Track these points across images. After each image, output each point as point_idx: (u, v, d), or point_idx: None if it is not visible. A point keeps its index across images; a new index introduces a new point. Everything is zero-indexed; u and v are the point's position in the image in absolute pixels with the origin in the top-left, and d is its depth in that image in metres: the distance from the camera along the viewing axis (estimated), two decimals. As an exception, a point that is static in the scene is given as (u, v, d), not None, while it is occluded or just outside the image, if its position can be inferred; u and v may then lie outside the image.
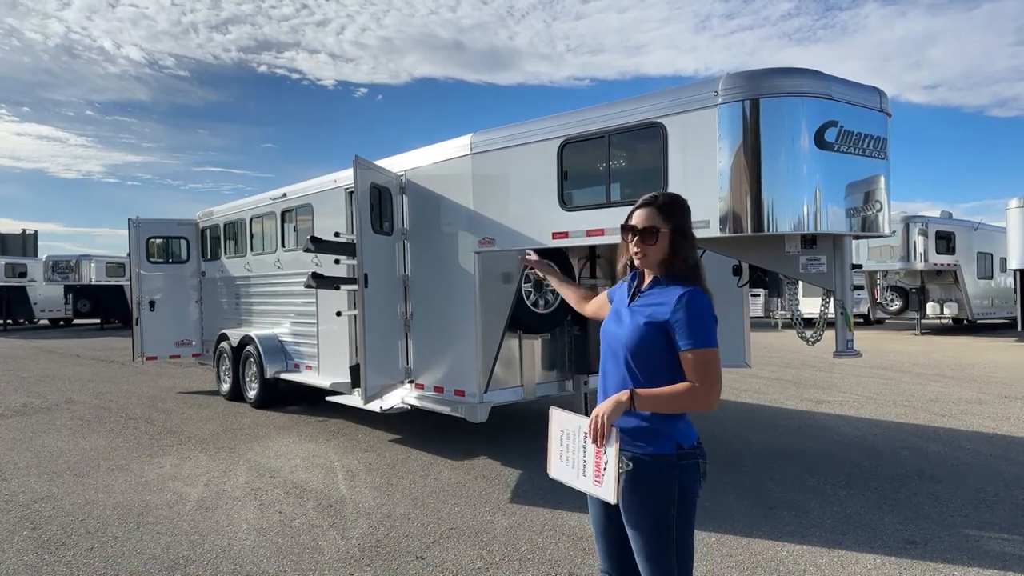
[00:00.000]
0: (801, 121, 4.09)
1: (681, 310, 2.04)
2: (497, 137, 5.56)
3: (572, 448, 2.12)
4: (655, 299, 2.13)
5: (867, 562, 3.73)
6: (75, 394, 9.89)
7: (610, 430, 1.99)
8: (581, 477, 2.09)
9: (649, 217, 2.16)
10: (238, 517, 4.56)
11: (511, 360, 6.07)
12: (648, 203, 2.19)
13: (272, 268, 8.58)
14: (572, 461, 2.12)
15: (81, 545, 4.12)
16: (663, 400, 2.03)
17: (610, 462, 2.00)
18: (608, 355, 2.21)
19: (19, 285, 25.64)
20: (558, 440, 2.16)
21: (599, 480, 2.04)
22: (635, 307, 2.17)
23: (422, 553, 3.92)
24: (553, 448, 2.18)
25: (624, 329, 2.15)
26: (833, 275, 4.34)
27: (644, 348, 2.08)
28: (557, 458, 2.17)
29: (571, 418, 2.15)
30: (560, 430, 2.16)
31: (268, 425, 7.49)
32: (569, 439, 2.13)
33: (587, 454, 2.07)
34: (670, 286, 2.12)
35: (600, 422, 2.00)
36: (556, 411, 2.20)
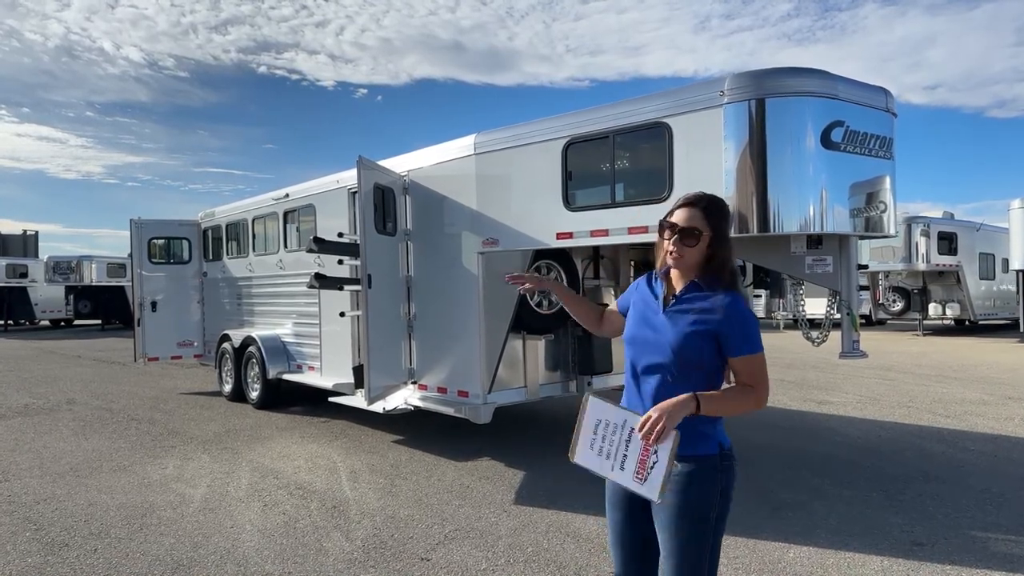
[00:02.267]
0: (807, 121, 4.08)
1: (733, 319, 2.04)
2: (501, 137, 5.54)
3: (611, 440, 2.06)
4: (698, 305, 2.08)
5: (874, 564, 3.71)
6: (77, 395, 9.88)
7: (669, 432, 1.95)
8: (616, 470, 2.04)
9: (691, 218, 2.10)
10: (242, 518, 4.55)
11: (515, 361, 6.05)
12: (691, 203, 2.12)
13: (274, 269, 8.57)
14: (608, 452, 2.06)
15: (84, 546, 4.10)
16: (726, 404, 2.04)
17: (660, 462, 1.97)
18: (641, 361, 2.14)
19: (20, 286, 25.62)
20: (592, 428, 2.10)
21: (641, 477, 2.00)
22: (675, 313, 2.11)
23: (427, 555, 3.91)
24: (584, 435, 2.11)
25: (665, 335, 2.09)
26: (839, 275, 4.33)
27: (691, 354, 2.05)
28: (587, 446, 2.11)
29: (615, 410, 2.08)
30: (597, 419, 2.09)
31: (271, 426, 7.48)
32: (608, 430, 2.07)
33: (630, 449, 2.02)
34: (711, 292, 2.08)
35: (660, 424, 1.94)
36: (595, 400, 2.12)
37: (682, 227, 2.09)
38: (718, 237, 2.10)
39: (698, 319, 2.06)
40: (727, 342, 2.05)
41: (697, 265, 2.11)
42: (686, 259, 2.11)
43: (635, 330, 2.19)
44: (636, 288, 2.30)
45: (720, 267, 2.10)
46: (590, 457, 2.11)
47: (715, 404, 2.02)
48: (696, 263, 2.11)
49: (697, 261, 2.11)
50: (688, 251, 2.09)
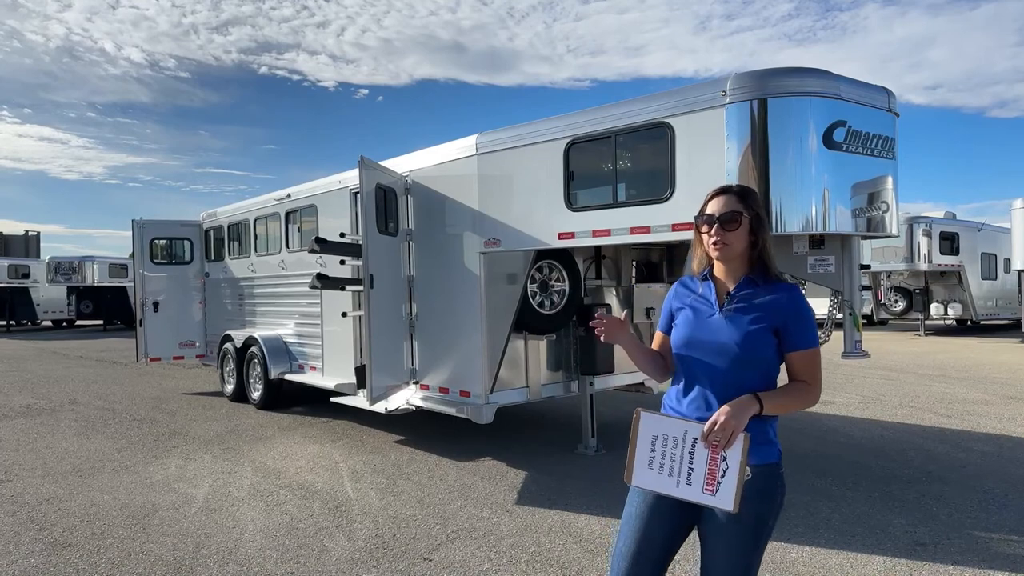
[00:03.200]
0: (809, 121, 4.07)
1: (796, 314, 2.01)
2: (503, 137, 5.54)
3: (672, 454, 1.94)
4: (757, 301, 2.03)
5: (876, 564, 3.71)
6: (79, 395, 9.89)
7: (738, 436, 1.88)
8: (683, 486, 1.92)
9: (729, 203, 2.05)
10: (244, 518, 4.55)
11: (516, 361, 6.05)
12: (724, 190, 2.10)
13: (276, 269, 8.57)
14: (670, 468, 1.94)
15: (87, 546, 4.11)
16: (787, 402, 2.00)
17: (731, 469, 1.87)
18: (697, 364, 2.07)
19: (22, 287, 25.66)
20: (649, 445, 1.98)
21: (711, 489, 1.89)
22: (734, 312, 2.05)
23: (429, 555, 3.91)
24: (640, 454, 1.98)
25: (723, 335, 2.02)
26: (841, 276, 4.32)
27: (752, 352, 2.00)
28: (645, 465, 1.98)
29: (671, 421, 1.97)
30: (653, 435, 1.97)
31: (273, 426, 7.48)
32: (668, 444, 1.95)
33: (695, 461, 1.91)
34: (769, 286, 2.04)
35: (729, 427, 1.87)
36: (647, 414, 2.00)
37: (721, 213, 2.05)
38: (758, 219, 2.06)
39: (759, 315, 2.01)
40: (788, 337, 2.01)
41: (743, 253, 2.07)
42: (732, 246, 2.05)
43: (689, 333, 2.10)
44: (675, 296, 2.21)
45: (766, 254, 2.06)
46: (650, 476, 1.98)
47: (777, 403, 1.97)
48: (741, 250, 2.06)
49: (743, 248, 2.06)
50: (732, 236, 2.04)
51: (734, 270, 2.09)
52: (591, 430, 6.13)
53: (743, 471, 1.87)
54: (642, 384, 6.95)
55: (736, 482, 1.86)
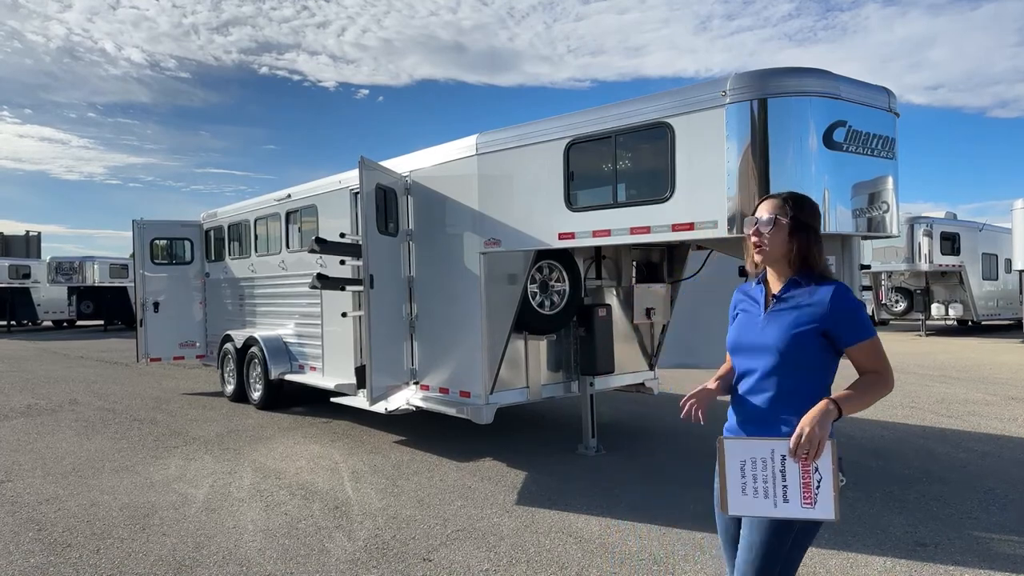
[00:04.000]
0: (809, 121, 4.07)
1: (840, 309, 2.02)
2: (503, 138, 5.54)
3: (763, 476, 1.94)
4: (800, 301, 2.07)
5: (877, 564, 3.70)
6: (79, 395, 9.89)
7: (824, 442, 1.88)
8: (781, 505, 1.93)
9: (772, 208, 2.13)
10: (244, 519, 4.55)
11: (517, 361, 6.05)
12: (772, 195, 2.18)
13: (276, 269, 8.58)
14: (765, 491, 1.94)
15: (87, 547, 4.11)
16: (863, 398, 2.00)
17: (825, 478, 1.89)
18: (747, 366, 2.13)
19: (23, 287, 25.67)
20: (739, 472, 1.97)
21: (810, 501, 1.90)
22: (778, 312, 2.09)
23: (429, 555, 3.91)
24: (732, 482, 1.98)
25: (768, 337, 2.07)
26: (841, 276, 4.31)
27: (799, 352, 2.03)
28: (739, 492, 1.98)
29: (755, 443, 1.98)
30: (741, 460, 1.98)
31: (273, 426, 7.48)
32: (757, 467, 1.95)
33: (788, 477, 1.92)
34: (812, 285, 2.07)
35: (815, 437, 1.87)
36: (730, 441, 2.02)
37: (760, 217, 2.13)
38: (799, 225, 2.09)
39: (801, 315, 2.04)
40: (840, 334, 2.02)
41: (783, 256, 2.11)
42: (771, 249, 2.11)
43: (737, 336, 2.18)
44: (734, 300, 2.29)
45: (808, 256, 2.08)
46: (746, 503, 1.98)
47: (854, 402, 1.98)
48: (782, 253, 2.10)
49: (783, 252, 2.10)
50: (771, 240, 2.10)
51: (781, 272, 2.14)
52: (591, 430, 6.12)
53: (837, 477, 1.89)
54: (642, 385, 6.95)
55: (832, 490, 1.88)
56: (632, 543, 4.04)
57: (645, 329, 6.88)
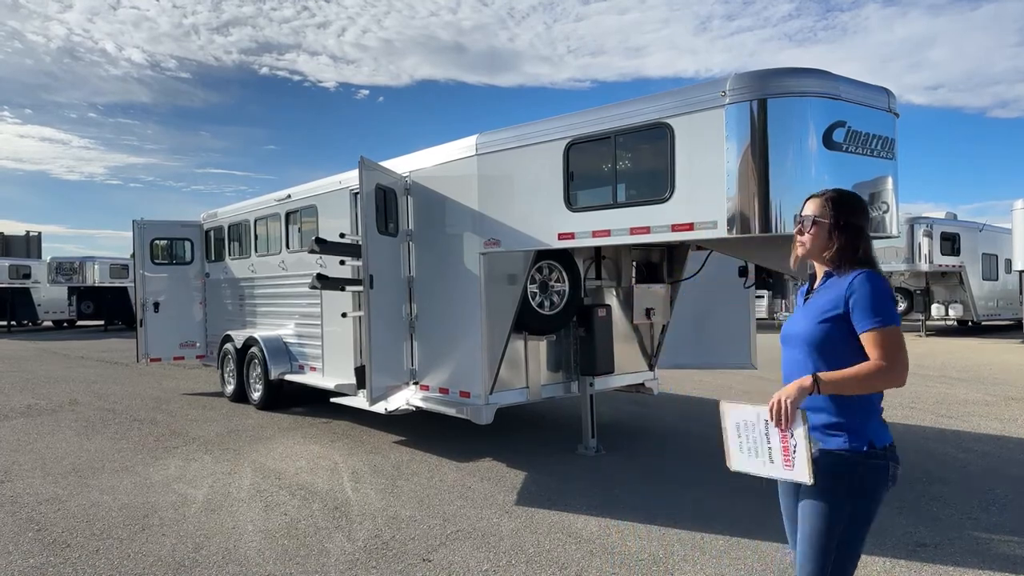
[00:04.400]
0: (809, 121, 4.07)
1: (856, 291, 2.07)
2: (503, 138, 5.54)
3: (753, 438, 2.13)
4: (829, 291, 2.15)
5: (877, 565, 3.70)
6: (79, 395, 9.89)
7: (795, 414, 2.01)
8: (768, 464, 2.11)
9: (813, 207, 2.21)
10: (243, 519, 4.55)
11: (516, 361, 6.05)
12: (816, 195, 2.25)
13: (276, 269, 8.58)
14: (756, 451, 2.13)
15: (86, 547, 4.11)
16: (849, 381, 2.03)
17: (799, 444, 2.02)
18: (791, 357, 2.22)
19: (23, 287, 25.68)
20: (735, 432, 2.18)
21: (789, 464, 2.06)
22: (810, 303, 2.21)
23: (428, 555, 3.91)
24: (731, 441, 2.19)
25: (802, 327, 2.17)
26: (841, 276, 4.31)
27: (826, 340, 2.10)
28: (737, 450, 2.18)
29: (747, 408, 2.15)
30: (736, 422, 2.17)
31: (273, 427, 7.48)
32: (748, 429, 2.14)
33: (771, 441, 2.08)
34: (843, 277, 2.13)
35: (784, 406, 2.01)
36: (727, 404, 2.20)
37: (803, 215, 2.22)
38: (838, 224, 2.15)
39: (827, 303, 2.12)
40: (854, 319, 2.06)
41: (822, 252, 2.18)
42: (809, 246, 2.21)
43: (784, 328, 2.29)
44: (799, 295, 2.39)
45: (847, 252, 2.14)
46: (744, 460, 2.17)
47: (835, 384, 2.02)
48: (819, 250, 2.19)
49: (820, 248, 2.18)
50: (809, 237, 2.20)
51: (823, 267, 2.24)
52: (591, 431, 6.12)
53: (808, 445, 2.01)
54: (642, 385, 6.95)
55: (806, 456, 2.01)
56: (632, 543, 4.04)
57: (645, 329, 6.88)
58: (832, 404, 2.09)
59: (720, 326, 6.72)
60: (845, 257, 2.14)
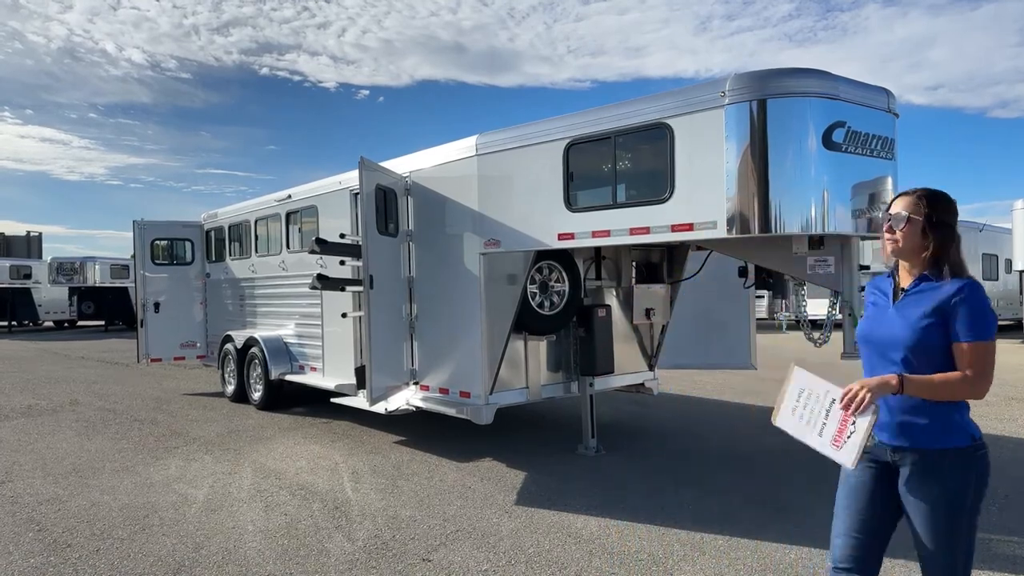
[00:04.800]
0: (809, 122, 4.07)
1: (964, 303, 2.08)
2: (503, 138, 5.55)
3: (811, 408, 2.23)
4: (928, 296, 2.15)
5: (876, 565, 3.70)
6: (80, 396, 9.90)
7: (869, 405, 2.08)
8: (814, 436, 2.21)
9: (904, 204, 2.22)
10: (243, 519, 4.55)
11: (516, 362, 6.05)
12: (906, 192, 2.26)
13: (277, 270, 8.58)
14: (808, 419, 2.23)
15: (87, 547, 4.11)
16: (933, 387, 2.08)
17: (858, 432, 2.11)
18: (875, 358, 2.25)
19: (24, 287, 25.71)
20: (795, 396, 2.28)
21: (838, 445, 2.15)
22: (905, 305, 2.20)
23: (428, 555, 3.91)
24: (787, 401, 2.30)
25: (897, 329, 2.18)
26: (841, 276, 4.32)
27: (924, 345, 2.12)
28: (789, 411, 2.29)
29: (818, 381, 2.24)
30: (800, 388, 2.27)
31: (273, 427, 7.49)
32: (810, 399, 2.24)
33: (830, 418, 2.17)
34: (942, 280, 2.15)
35: (863, 396, 2.06)
36: (799, 370, 2.29)
37: (894, 213, 2.23)
38: (932, 223, 2.17)
39: (927, 310, 2.13)
40: (955, 328, 2.09)
41: (915, 252, 2.20)
42: (902, 245, 2.21)
43: (867, 328, 2.31)
44: (867, 293, 2.41)
45: (942, 253, 2.16)
46: (791, 422, 2.29)
47: (920, 386, 2.08)
48: (912, 249, 2.20)
49: (912, 247, 2.20)
50: (902, 236, 2.20)
51: (913, 267, 2.23)
52: (591, 431, 6.13)
53: (867, 436, 2.10)
54: (642, 385, 6.95)
55: (859, 444, 2.11)
56: (631, 543, 4.04)
57: (645, 329, 6.89)
58: (925, 405, 2.13)
59: (720, 326, 6.73)
60: (942, 258, 2.16)
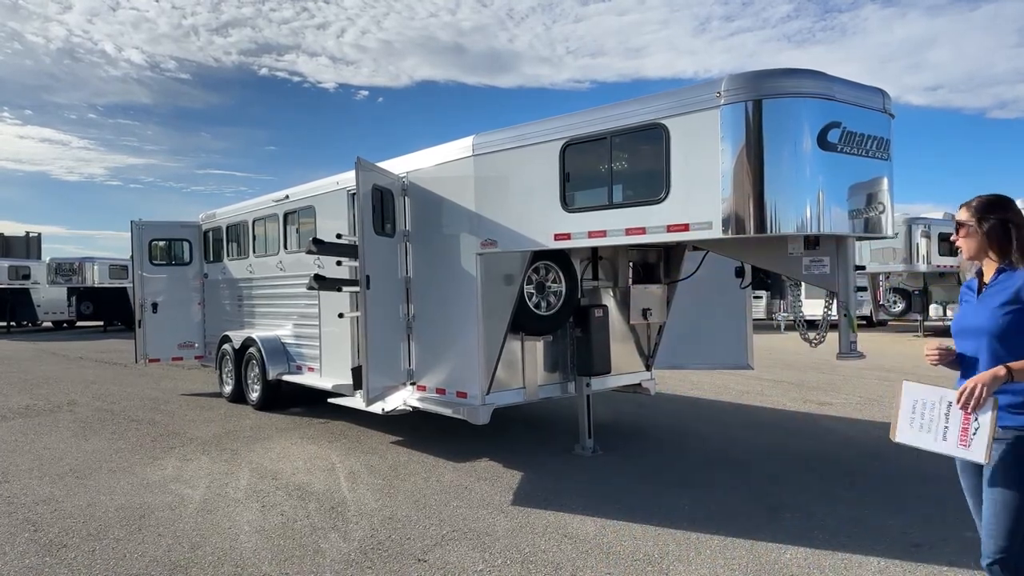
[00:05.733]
0: (804, 122, 4.07)
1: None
2: (499, 139, 5.55)
3: (929, 416, 2.40)
4: (1004, 285, 2.43)
5: (871, 565, 3.71)
6: (78, 396, 9.90)
7: (987, 399, 2.25)
8: (939, 441, 2.38)
9: (963, 214, 2.54)
10: (240, 519, 4.55)
11: (513, 362, 6.05)
12: (966, 203, 2.55)
13: (274, 270, 8.58)
14: (928, 428, 2.40)
15: (82, 548, 4.11)
16: None
17: (983, 428, 2.26)
18: (968, 348, 2.50)
19: (23, 288, 25.68)
20: (910, 409, 2.45)
21: (965, 443, 2.31)
22: (986, 297, 2.47)
23: (423, 556, 3.91)
24: (903, 416, 2.47)
25: (981, 319, 2.44)
26: (836, 276, 4.32)
27: (1005, 330, 2.36)
28: (907, 424, 2.46)
29: (929, 389, 2.43)
30: (913, 400, 2.45)
31: (270, 427, 7.49)
32: (925, 408, 2.41)
33: (950, 421, 2.35)
34: (1017, 270, 2.40)
35: (979, 392, 2.26)
36: (909, 384, 2.49)
37: (956, 221, 2.56)
38: (990, 226, 2.46)
39: (1004, 298, 2.39)
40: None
41: (982, 253, 2.51)
42: (966, 249, 2.54)
43: (958, 322, 2.59)
44: (960, 293, 2.67)
45: (1006, 249, 2.44)
46: (911, 434, 2.45)
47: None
48: (978, 250, 2.51)
49: (978, 248, 2.51)
50: (964, 242, 2.54)
51: (990, 264, 2.51)
52: (588, 431, 6.13)
53: (993, 429, 2.25)
54: (639, 385, 6.95)
55: (987, 439, 2.25)
56: (627, 543, 4.04)
57: (642, 330, 6.89)
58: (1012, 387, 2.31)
59: (717, 326, 6.72)
60: (1005, 251, 2.43)
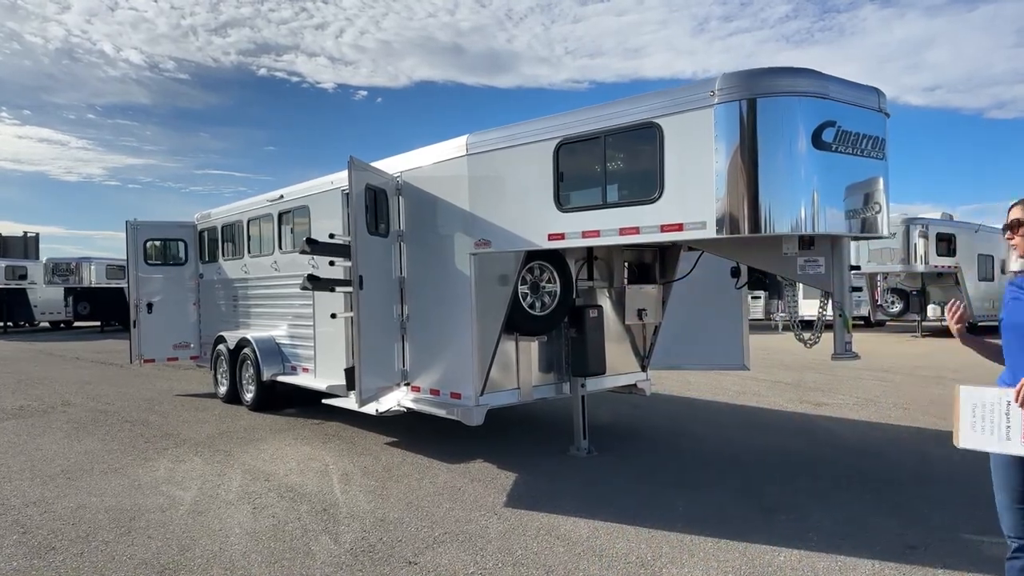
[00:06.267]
0: (798, 121, 4.04)
1: None
2: (493, 138, 5.52)
3: (989, 417, 2.43)
4: None
5: (865, 567, 3.68)
6: (72, 396, 9.85)
7: None
8: (1003, 441, 2.41)
9: (1018, 211, 2.59)
10: (231, 521, 4.52)
11: (508, 363, 6.02)
12: (1019, 201, 2.61)
13: (269, 270, 8.55)
14: (990, 429, 2.43)
15: (71, 550, 4.08)
16: None
17: None
18: (1016, 344, 2.61)
19: (19, 288, 25.61)
20: (970, 413, 2.48)
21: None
22: None
23: (414, 558, 3.88)
24: (963, 420, 2.49)
25: None
26: (831, 276, 4.30)
27: None
28: (969, 429, 2.48)
29: (986, 390, 2.48)
30: (972, 404, 2.48)
31: (264, 428, 7.45)
32: (985, 410, 2.44)
33: (1012, 419, 2.39)
34: None
35: None
36: (965, 388, 2.52)
37: (1009, 221, 2.61)
38: None
39: None
40: None
41: None
42: (1021, 246, 2.61)
43: (1009, 319, 2.69)
44: (1007, 292, 2.76)
45: None
46: (974, 438, 2.47)
47: None
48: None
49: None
50: (1020, 239, 2.60)
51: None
52: (583, 432, 6.10)
53: None
54: (634, 386, 6.92)
55: None
56: (620, 545, 4.01)
57: (637, 330, 6.86)
58: None
59: (712, 327, 6.69)
60: None
